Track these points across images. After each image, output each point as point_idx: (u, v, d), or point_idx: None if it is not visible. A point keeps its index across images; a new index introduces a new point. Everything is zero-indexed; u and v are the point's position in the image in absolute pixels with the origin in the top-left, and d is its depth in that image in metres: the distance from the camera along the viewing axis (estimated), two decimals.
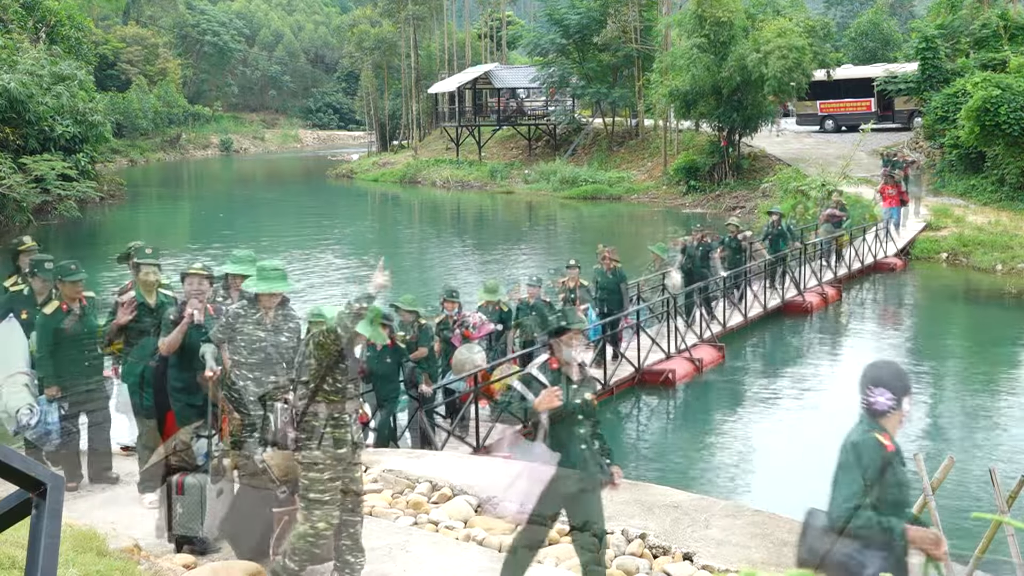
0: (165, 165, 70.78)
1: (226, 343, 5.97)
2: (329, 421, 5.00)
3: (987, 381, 13.62)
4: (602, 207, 36.43)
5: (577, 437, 5.01)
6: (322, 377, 4.96)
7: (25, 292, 7.36)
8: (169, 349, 6.22)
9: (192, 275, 6.36)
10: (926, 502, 5.14)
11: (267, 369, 5.91)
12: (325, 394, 4.99)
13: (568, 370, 5.06)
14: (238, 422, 5.95)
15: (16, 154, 30.47)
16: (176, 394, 6.36)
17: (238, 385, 5.94)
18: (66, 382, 6.83)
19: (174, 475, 5.82)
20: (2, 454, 1.52)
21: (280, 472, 5.27)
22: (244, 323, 5.93)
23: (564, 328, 5.06)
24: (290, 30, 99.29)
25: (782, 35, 29.96)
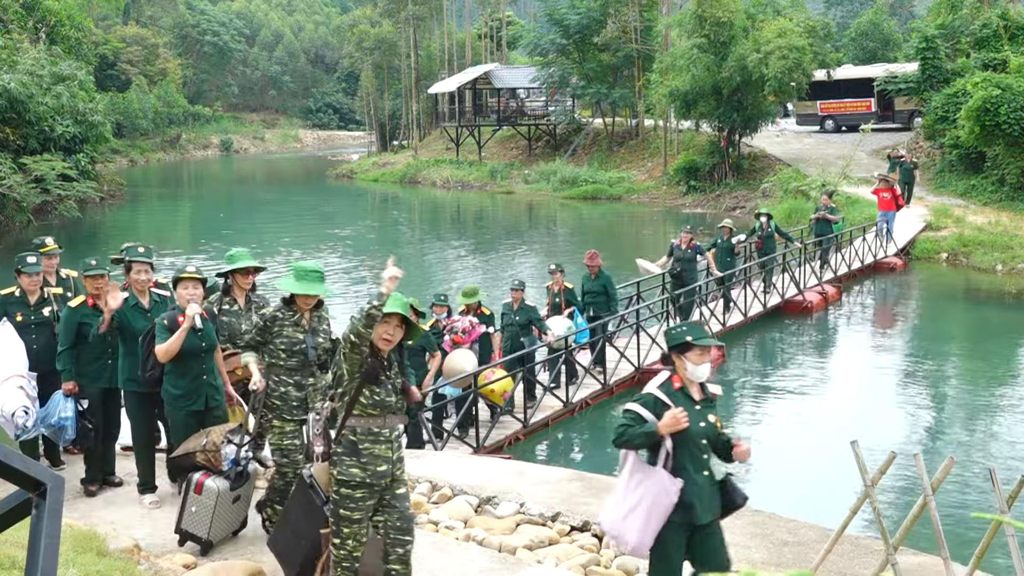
0: (165, 165, 70.78)
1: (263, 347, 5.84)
2: (367, 436, 4.72)
3: (987, 381, 13.61)
4: (602, 207, 36.44)
5: (700, 463, 4.61)
6: (357, 388, 4.67)
7: (17, 294, 7.25)
8: (167, 356, 6.01)
9: (186, 279, 6.19)
10: (926, 502, 5.14)
11: (306, 371, 5.80)
12: (362, 407, 4.70)
13: (691, 389, 4.68)
14: (279, 430, 5.80)
15: (16, 154, 30.47)
16: (175, 402, 6.16)
17: (279, 391, 5.78)
18: (85, 380, 6.70)
19: (196, 473, 5.76)
20: (2, 454, 1.52)
21: (328, 488, 4.95)
22: (282, 325, 5.77)
23: (689, 343, 4.63)
24: (290, 30, 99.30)
25: (782, 35, 29.97)
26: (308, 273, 5.88)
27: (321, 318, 5.91)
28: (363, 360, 4.65)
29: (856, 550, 5.97)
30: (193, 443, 5.89)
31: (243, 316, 6.62)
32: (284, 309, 5.78)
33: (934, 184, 27.52)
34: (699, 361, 4.63)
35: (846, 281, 19.50)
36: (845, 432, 8.35)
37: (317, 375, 5.84)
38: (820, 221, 19.24)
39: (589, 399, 12.15)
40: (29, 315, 7.19)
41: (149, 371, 6.20)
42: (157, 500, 6.60)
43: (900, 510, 8.18)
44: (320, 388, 5.79)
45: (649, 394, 4.64)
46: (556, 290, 12.26)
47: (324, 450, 4.78)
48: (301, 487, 5.08)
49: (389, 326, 4.68)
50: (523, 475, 7.58)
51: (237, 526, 6.00)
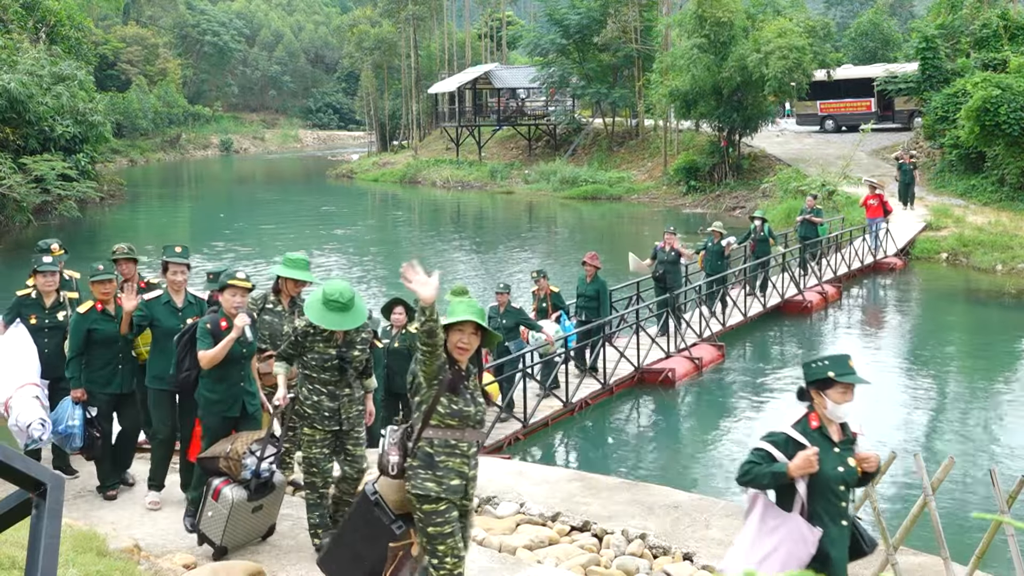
0: (165, 165, 70.79)
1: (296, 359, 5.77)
2: (443, 448, 4.46)
3: (987, 381, 13.61)
4: (602, 207, 36.44)
5: (837, 511, 4.14)
6: (435, 398, 4.41)
7: (33, 296, 7.15)
8: (212, 363, 5.84)
9: (235, 287, 5.97)
10: (926, 502, 5.14)
11: (341, 383, 5.70)
12: (440, 417, 4.43)
13: (830, 429, 4.21)
14: (308, 438, 5.70)
15: (16, 154, 30.47)
16: (211, 407, 6.00)
17: (311, 399, 5.68)
18: (95, 387, 6.60)
19: (217, 478, 5.70)
20: (2, 454, 1.52)
21: (396, 506, 4.65)
22: (314, 340, 5.66)
23: (831, 380, 4.15)
24: (290, 30, 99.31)
25: (782, 35, 29.97)
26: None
27: (359, 328, 5.75)
28: (440, 369, 4.38)
29: None
30: (219, 448, 5.82)
31: (286, 318, 6.54)
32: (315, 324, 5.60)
33: (934, 184, 27.52)
34: (841, 399, 4.16)
35: (846, 281, 19.51)
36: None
37: (353, 385, 5.75)
38: (804, 223, 18.79)
39: (589, 399, 12.15)
40: (43, 318, 7.11)
41: (184, 373, 6.08)
42: (157, 501, 6.56)
43: (900, 510, 8.18)
44: (356, 399, 5.76)
45: (782, 433, 4.21)
46: (542, 295, 12.05)
47: (400, 462, 4.50)
48: (364, 504, 4.75)
49: (464, 334, 4.43)
50: (523, 475, 7.58)
51: (259, 534, 5.91)
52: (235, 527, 5.68)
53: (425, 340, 4.25)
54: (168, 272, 6.54)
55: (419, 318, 4.22)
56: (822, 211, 19.76)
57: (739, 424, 11.94)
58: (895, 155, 27.22)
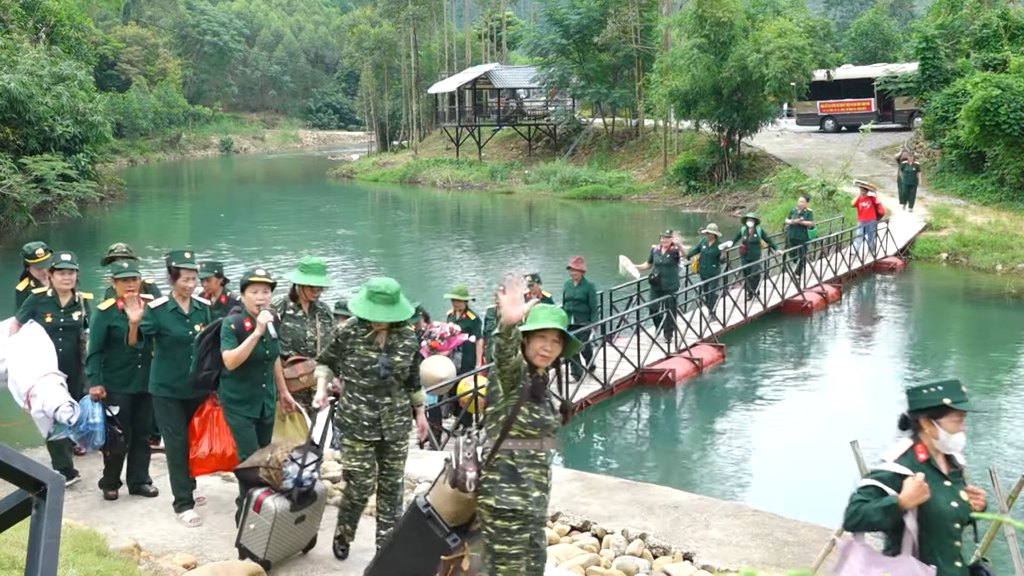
0: (165, 165, 70.80)
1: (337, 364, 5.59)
2: (525, 459, 4.28)
3: (987, 381, 13.61)
4: (602, 207, 36.45)
5: (952, 551, 3.76)
6: (515, 407, 4.24)
7: (49, 294, 7.06)
8: (237, 362, 5.73)
9: (256, 283, 5.87)
10: None
11: (380, 391, 5.47)
12: (520, 427, 4.26)
13: (938, 460, 3.85)
14: (348, 449, 5.51)
15: (16, 154, 30.47)
16: (233, 406, 5.91)
17: (351, 408, 5.49)
18: (113, 387, 6.50)
19: (258, 488, 5.52)
20: (2, 454, 1.52)
21: (450, 518, 4.49)
22: (354, 343, 5.45)
23: (946, 407, 3.82)
24: (290, 30, 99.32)
25: (782, 35, 29.97)
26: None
27: (402, 334, 5.56)
28: (520, 378, 4.23)
29: None
30: (258, 457, 5.63)
31: (307, 323, 6.47)
32: (357, 326, 5.46)
33: (934, 184, 27.52)
34: (955, 429, 3.79)
35: (846, 281, 19.51)
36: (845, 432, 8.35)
37: (395, 394, 5.53)
38: (795, 227, 18.23)
39: (589, 399, 12.15)
40: (59, 317, 7.03)
41: (204, 372, 5.96)
42: (197, 516, 6.38)
43: None
44: (397, 408, 5.54)
45: (887, 470, 3.82)
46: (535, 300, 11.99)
47: (477, 477, 4.31)
48: (415, 517, 4.56)
49: (546, 341, 4.28)
50: None
51: (302, 546, 5.74)
52: (279, 539, 5.47)
53: (498, 355, 4.15)
54: (180, 278, 6.37)
55: (496, 331, 4.11)
56: (812, 214, 19.19)
57: (739, 424, 11.94)
58: (897, 155, 27.11)
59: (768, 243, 16.92)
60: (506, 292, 4.04)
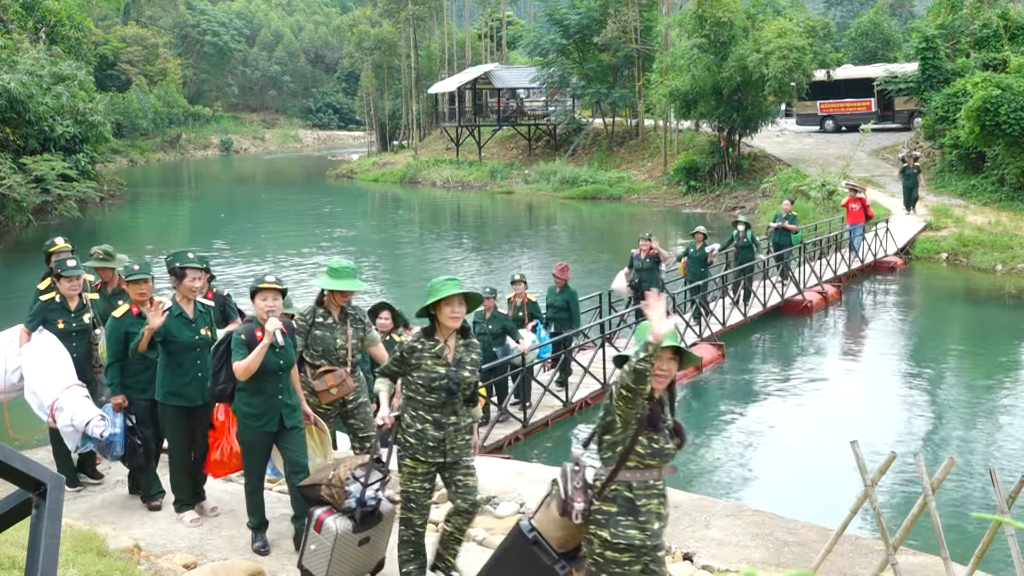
0: (165, 165, 70.81)
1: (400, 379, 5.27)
2: (644, 491, 4.04)
3: (987, 381, 13.61)
4: (602, 207, 36.45)
5: None
6: (633, 437, 4.01)
7: (57, 299, 6.85)
8: (247, 374, 5.50)
9: (265, 289, 5.64)
10: (926, 502, 5.14)
11: (447, 409, 5.12)
12: (639, 458, 4.02)
13: None
14: (410, 470, 5.18)
15: (16, 154, 30.49)
16: (247, 421, 5.69)
17: (415, 427, 5.13)
18: (132, 393, 6.38)
19: (320, 508, 5.22)
20: (2, 454, 1.52)
21: (558, 543, 4.24)
22: (421, 357, 5.10)
23: None
24: (290, 30, 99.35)
25: (782, 35, 29.98)
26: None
27: (469, 347, 5.23)
28: (640, 407, 3.99)
29: (856, 550, 5.97)
30: (320, 475, 5.35)
31: (338, 330, 6.21)
32: (423, 338, 5.13)
33: (934, 184, 27.52)
34: None
35: (846, 281, 19.51)
36: (845, 432, 8.35)
37: (460, 412, 5.18)
38: (779, 231, 17.76)
39: (589, 399, 12.15)
40: (70, 322, 6.86)
41: (220, 386, 5.81)
42: (197, 517, 6.33)
43: (900, 510, 8.18)
44: (462, 428, 5.20)
45: None
46: (519, 303, 11.37)
47: (586, 509, 4.07)
48: (520, 543, 4.30)
49: (662, 361, 4.04)
50: (523, 475, 7.58)
51: (368, 570, 5.41)
52: (340, 562, 5.16)
53: (636, 379, 3.86)
54: (186, 279, 6.17)
55: (638, 355, 3.82)
56: (797, 218, 18.67)
57: (739, 424, 11.94)
58: (900, 156, 26.94)
59: (758, 247, 16.53)
60: (650, 309, 3.78)
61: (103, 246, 7.89)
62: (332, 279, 6.13)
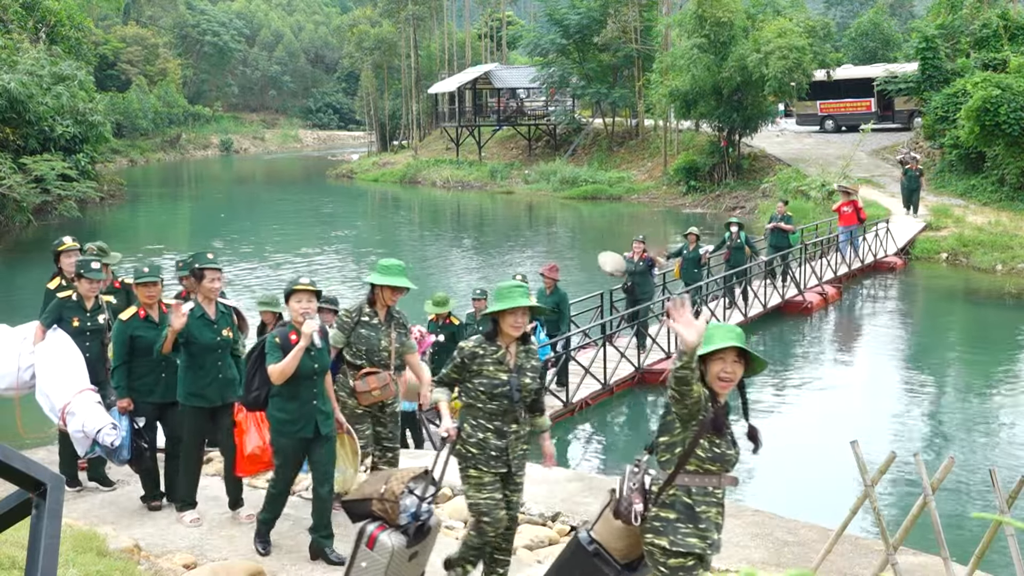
0: (165, 165, 70.81)
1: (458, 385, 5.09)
2: (703, 497, 3.90)
3: (987, 381, 13.62)
4: (602, 207, 36.45)
5: None
6: (693, 440, 3.86)
7: (74, 298, 6.84)
8: (283, 377, 5.37)
9: (301, 291, 5.52)
10: (926, 502, 5.14)
11: (508, 417, 4.95)
12: (699, 462, 3.88)
13: None
14: (476, 481, 5.02)
15: (16, 154, 30.49)
16: (281, 427, 5.54)
17: (476, 437, 4.97)
18: (138, 396, 6.33)
19: (371, 524, 5.00)
20: (2, 454, 1.52)
21: (620, 554, 4.12)
22: (483, 363, 4.94)
23: None
24: (290, 30, 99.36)
25: (782, 35, 29.98)
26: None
27: (529, 353, 5.07)
28: (701, 409, 3.84)
29: (856, 550, 5.97)
30: (370, 488, 5.14)
31: (382, 331, 6.07)
32: (485, 344, 4.97)
33: (934, 184, 27.52)
34: None
35: (846, 281, 19.51)
36: (845, 432, 8.35)
37: (521, 420, 5.03)
38: (775, 231, 17.62)
39: (589, 399, 12.15)
40: (85, 321, 6.84)
41: (254, 392, 5.71)
42: (197, 517, 6.28)
43: (900, 510, 8.18)
44: (522, 436, 5.05)
45: None
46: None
47: (643, 508, 3.93)
48: (580, 555, 4.18)
49: (725, 363, 3.89)
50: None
51: None
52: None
53: (677, 386, 3.74)
54: (204, 280, 6.10)
55: (676, 363, 3.71)
56: (792, 218, 18.31)
57: (740, 424, 11.93)
58: (899, 158, 26.86)
59: (751, 249, 16.36)
60: (675, 316, 3.60)
61: (97, 242, 7.89)
62: (382, 275, 6.02)
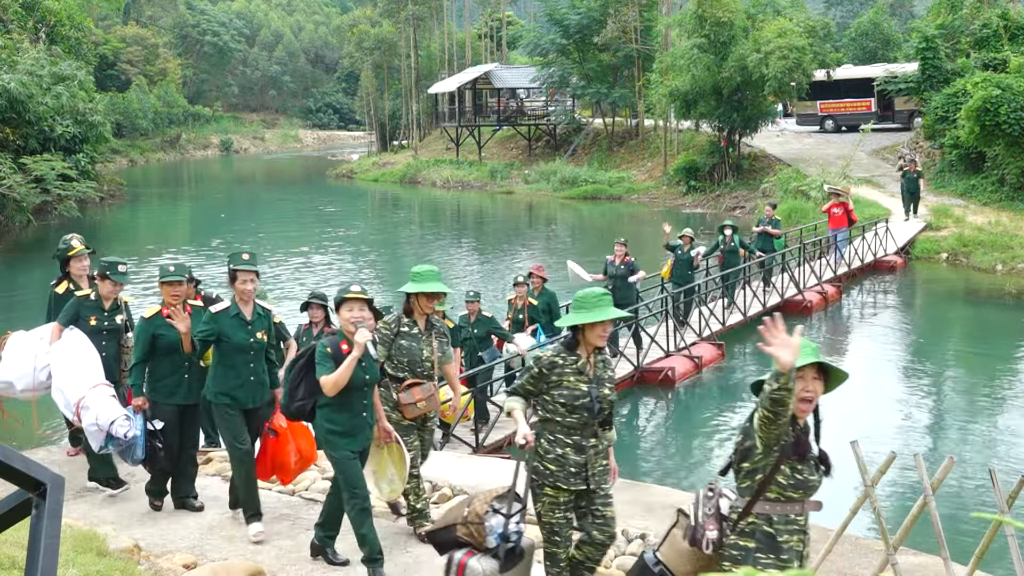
0: (165, 165, 70.81)
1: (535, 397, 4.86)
2: (785, 526, 3.73)
3: (987, 381, 13.62)
4: (602, 207, 36.45)
5: None
6: (775, 466, 3.69)
7: (92, 297, 6.86)
8: (336, 388, 5.18)
9: (352, 299, 5.34)
10: (926, 502, 5.14)
11: (587, 430, 4.74)
12: (780, 489, 3.71)
13: None
14: (551, 500, 4.78)
15: (16, 154, 30.48)
16: (334, 439, 5.33)
17: (553, 453, 4.73)
18: (158, 397, 6.25)
19: (459, 551, 4.76)
20: (2, 454, 1.52)
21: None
22: (562, 373, 4.72)
23: None
24: (290, 30, 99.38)
25: (782, 35, 29.98)
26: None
27: (606, 363, 4.89)
28: (783, 433, 3.66)
29: (856, 550, 5.97)
30: (453, 514, 4.91)
31: (423, 341, 5.92)
32: (565, 354, 4.75)
33: (934, 184, 27.52)
34: None
35: (846, 281, 19.51)
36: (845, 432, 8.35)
37: (600, 435, 4.81)
38: (762, 236, 17.16)
39: None
40: (103, 320, 6.82)
41: (299, 402, 5.47)
42: (262, 531, 6.07)
43: (900, 510, 8.18)
44: (601, 451, 4.83)
45: None
46: (519, 305, 11.07)
47: (719, 538, 3.81)
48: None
49: (805, 381, 3.75)
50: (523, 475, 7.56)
51: None
52: None
53: (773, 408, 3.54)
54: (236, 282, 5.96)
55: (771, 384, 3.51)
56: (779, 222, 17.91)
57: (739, 423, 11.93)
58: (899, 164, 26.64)
59: (747, 250, 16.08)
60: (770, 336, 3.47)
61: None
62: (416, 283, 5.86)
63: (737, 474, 3.84)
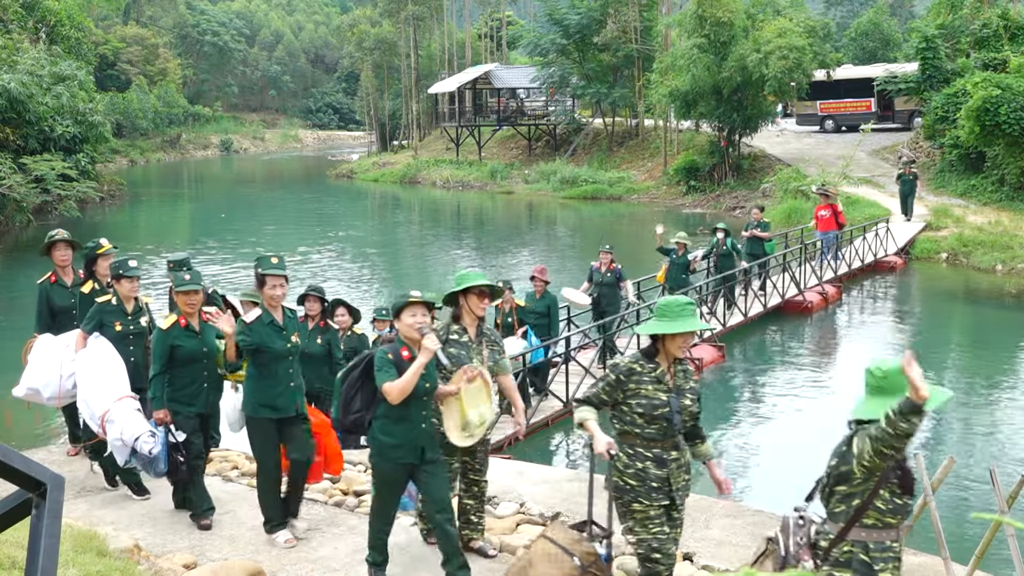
0: (165, 165, 70.81)
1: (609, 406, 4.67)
2: (881, 554, 3.61)
3: (987, 381, 13.62)
4: (602, 207, 36.45)
5: None
6: (874, 491, 3.58)
7: (113, 302, 6.70)
8: (402, 395, 4.92)
9: (414, 304, 5.09)
10: (926, 502, 5.14)
11: (668, 442, 4.54)
12: (878, 514, 3.60)
13: None
14: (641, 515, 4.54)
15: (16, 154, 30.48)
16: (386, 451, 5.12)
17: (634, 467, 4.53)
18: (179, 406, 6.14)
19: None
20: (2, 454, 1.52)
21: None
22: (640, 382, 4.54)
23: None
24: (290, 30, 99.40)
25: (782, 35, 29.98)
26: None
27: (687, 373, 4.69)
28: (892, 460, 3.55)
29: None
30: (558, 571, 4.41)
31: (473, 349, 5.64)
32: (643, 361, 4.56)
33: (934, 184, 27.52)
34: None
35: (846, 281, 19.51)
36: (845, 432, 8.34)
37: (681, 447, 4.63)
38: (752, 240, 16.72)
39: None
40: (128, 324, 6.71)
41: (355, 414, 5.21)
42: (292, 538, 6.01)
43: None
44: (683, 465, 4.63)
45: None
46: (507, 309, 10.97)
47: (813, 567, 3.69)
48: None
49: None
50: (523, 475, 7.58)
51: None
52: None
53: (899, 443, 3.45)
54: (266, 287, 5.81)
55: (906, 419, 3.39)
56: (769, 225, 17.55)
57: (739, 424, 11.94)
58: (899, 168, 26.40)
59: (737, 254, 15.80)
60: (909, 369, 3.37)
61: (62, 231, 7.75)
62: (463, 283, 5.67)
63: (830, 498, 3.72)
